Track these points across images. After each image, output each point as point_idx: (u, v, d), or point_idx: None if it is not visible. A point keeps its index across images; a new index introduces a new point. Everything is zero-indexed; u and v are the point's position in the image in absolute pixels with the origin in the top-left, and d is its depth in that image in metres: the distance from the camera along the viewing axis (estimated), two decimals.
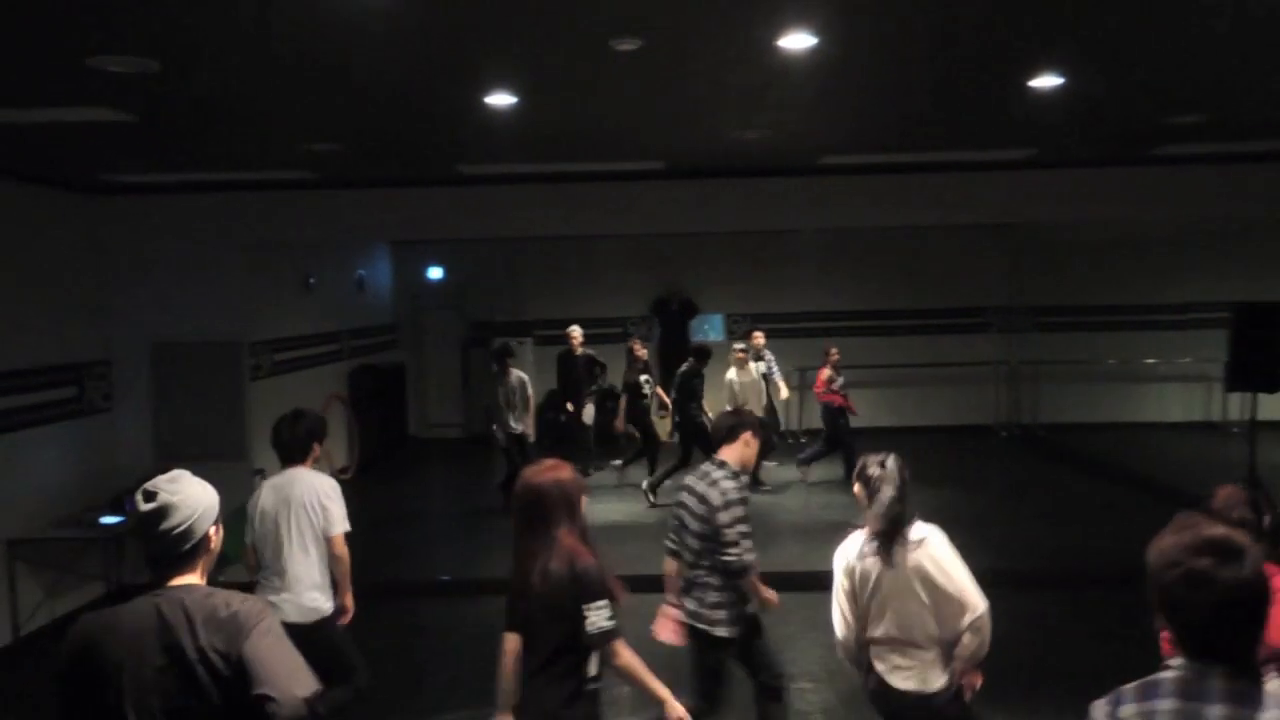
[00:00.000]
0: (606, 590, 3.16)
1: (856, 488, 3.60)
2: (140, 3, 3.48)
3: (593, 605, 3.11)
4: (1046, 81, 4.98)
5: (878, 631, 3.50)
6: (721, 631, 4.28)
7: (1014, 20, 4.00)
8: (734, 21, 3.89)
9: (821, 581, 4.07)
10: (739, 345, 10.53)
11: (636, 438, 11.22)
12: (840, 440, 10.50)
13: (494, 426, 9.71)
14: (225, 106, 5.19)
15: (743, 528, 4.20)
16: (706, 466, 4.40)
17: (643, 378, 10.76)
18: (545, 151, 6.93)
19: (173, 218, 8.23)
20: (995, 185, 8.22)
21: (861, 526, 3.55)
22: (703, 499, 4.27)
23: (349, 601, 4.80)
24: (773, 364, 10.88)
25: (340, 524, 4.65)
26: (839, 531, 3.76)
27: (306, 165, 7.15)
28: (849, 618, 3.55)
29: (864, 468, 3.58)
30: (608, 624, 3.13)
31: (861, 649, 3.57)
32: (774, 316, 13.96)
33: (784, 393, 10.94)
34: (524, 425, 9.64)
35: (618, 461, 11.24)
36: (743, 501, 4.25)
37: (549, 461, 3.41)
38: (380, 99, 5.14)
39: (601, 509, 10.08)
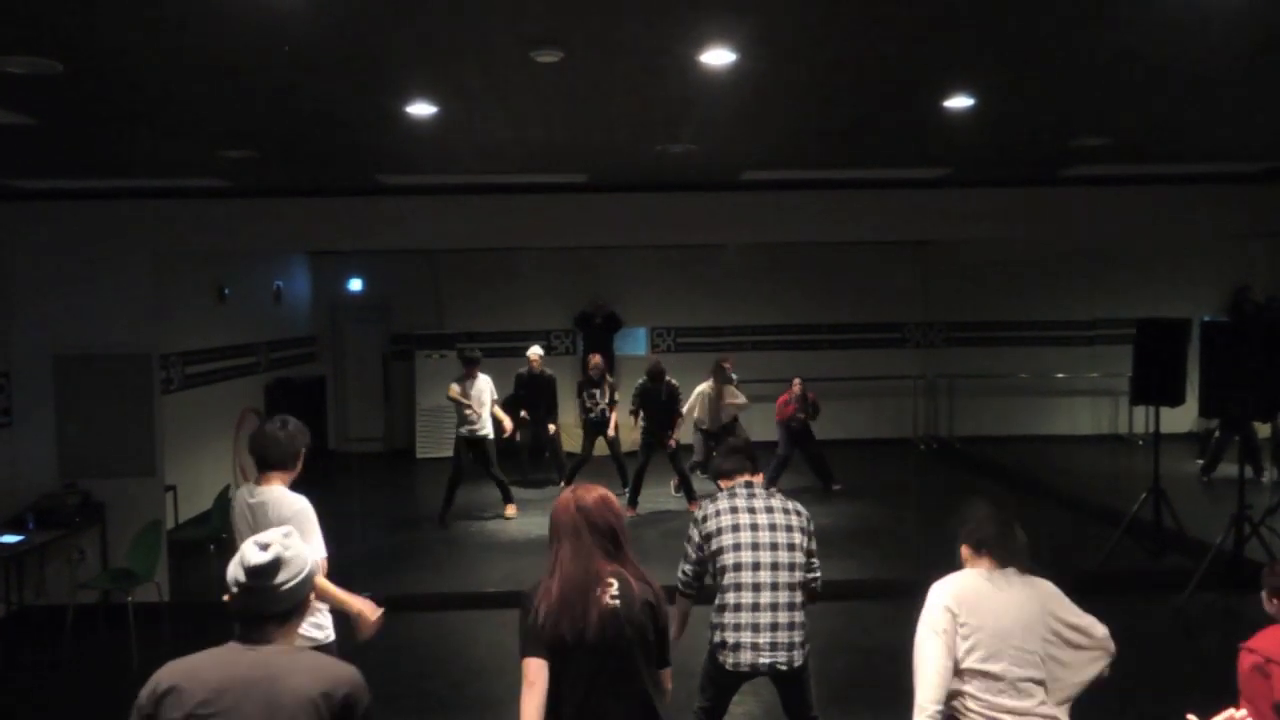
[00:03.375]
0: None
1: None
2: (43, 1, 3.35)
3: None
4: (959, 102, 5.10)
5: None
6: (803, 657, 4.20)
7: (928, 43, 4.09)
8: (655, 36, 3.90)
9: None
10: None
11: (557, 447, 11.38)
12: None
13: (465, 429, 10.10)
14: (133, 111, 5.03)
15: None
16: (756, 489, 4.29)
17: (588, 392, 10.83)
18: (467, 163, 6.87)
19: (78, 225, 7.94)
20: (911, 203, 8.40)
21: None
22: (797, 512, 4.23)
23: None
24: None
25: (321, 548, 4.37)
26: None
27: (220, 172, 6.97)
28: None
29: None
30: None
31: None
32: (697, 330, 14.08)
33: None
34: (486, 429, 10.11)
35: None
36: None
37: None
38: (296, 107, 5.04)
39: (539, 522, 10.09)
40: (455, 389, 10.12)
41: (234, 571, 2.38)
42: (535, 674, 2.93)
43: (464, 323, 13.98)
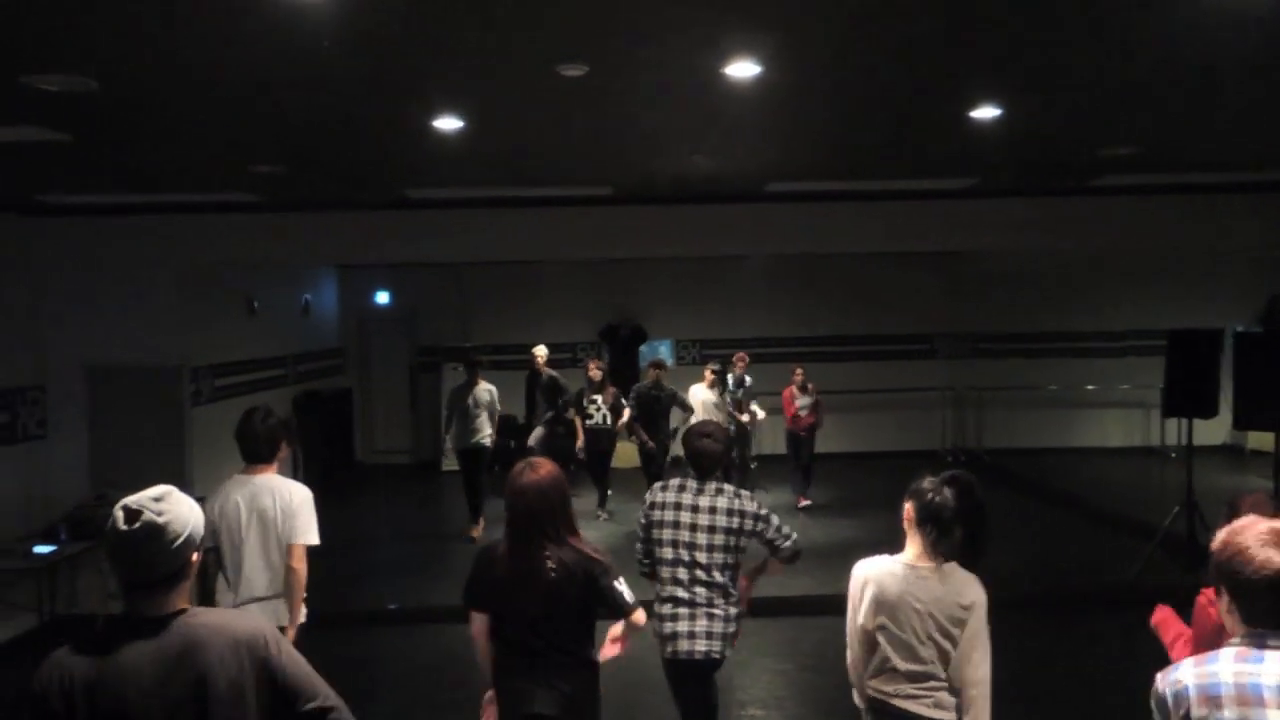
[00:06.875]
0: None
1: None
2: (78, 19, 3.41)
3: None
4: (985, 112, 5.07)
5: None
6: (720, 651, 4.19)
7: (953, 52, 4.08)
8: (680, 49, 3.91)
9: (771, 607, 4.06)
10: (712, 366, 10.45)
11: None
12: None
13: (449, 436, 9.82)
14: (165, 127, 5.10)
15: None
16: (700, 483, 4.22)
17: (589, 398, 10.66)
18: (493, 176, 6.91)
19: (110, 240, 8.06)
20: (937, 214, 8.35)
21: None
22: (741, 513, 4.16)
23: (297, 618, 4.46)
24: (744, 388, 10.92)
25: (305, 534, 4.35)
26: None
27: (250, 187, 7.05)
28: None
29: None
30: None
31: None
32: (723, 342, 14.03)
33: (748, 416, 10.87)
34: (486, 438, 9.74)
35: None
36: None
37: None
38: (325, 122, 5.09)
39: None
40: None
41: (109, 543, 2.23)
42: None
43: (490, 335, 14.02)
